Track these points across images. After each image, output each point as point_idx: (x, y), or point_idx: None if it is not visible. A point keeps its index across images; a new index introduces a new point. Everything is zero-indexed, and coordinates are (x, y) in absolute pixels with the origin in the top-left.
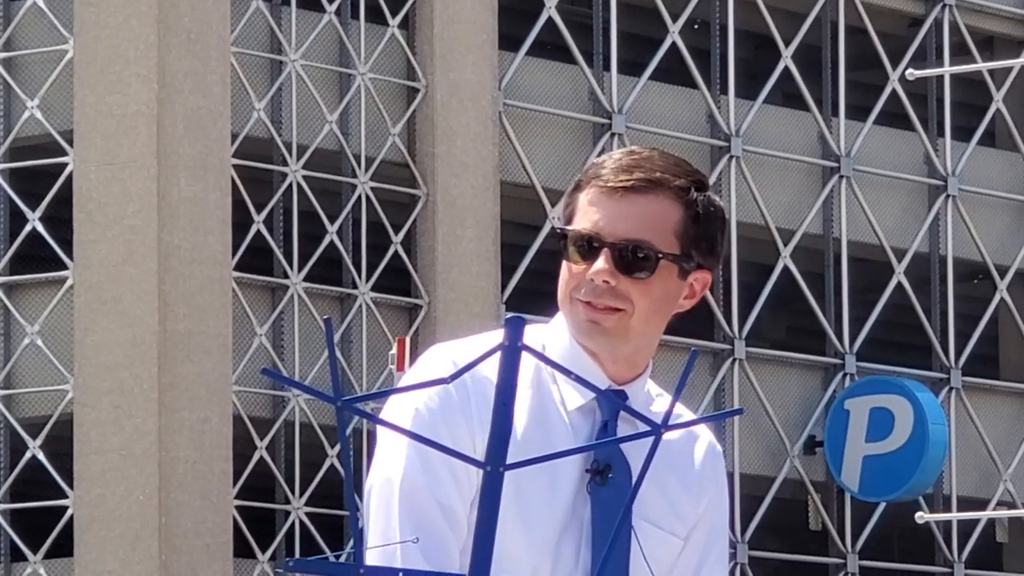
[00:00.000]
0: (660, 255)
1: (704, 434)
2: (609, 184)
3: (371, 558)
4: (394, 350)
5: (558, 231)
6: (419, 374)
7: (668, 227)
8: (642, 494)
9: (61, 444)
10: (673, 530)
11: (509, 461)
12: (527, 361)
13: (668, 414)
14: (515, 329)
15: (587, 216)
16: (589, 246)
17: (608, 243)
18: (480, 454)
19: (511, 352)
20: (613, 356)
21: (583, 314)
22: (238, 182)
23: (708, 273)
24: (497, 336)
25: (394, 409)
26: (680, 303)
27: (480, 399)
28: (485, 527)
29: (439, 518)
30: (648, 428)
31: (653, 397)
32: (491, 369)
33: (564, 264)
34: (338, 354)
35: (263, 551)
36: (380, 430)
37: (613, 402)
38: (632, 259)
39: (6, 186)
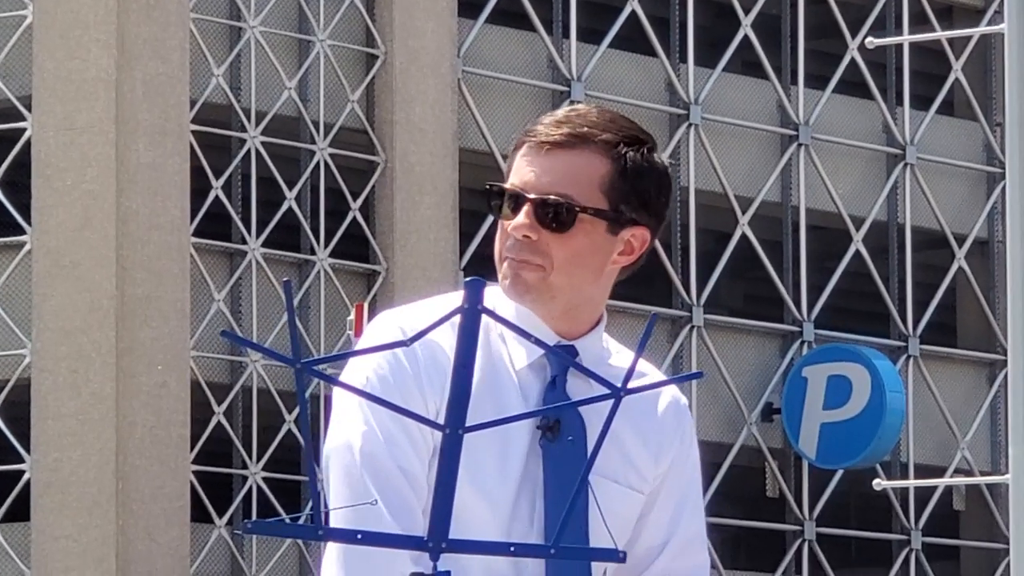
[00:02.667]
0: (579, 208)
1: (668, 388)
2: (538, 139)
3: (336, 522)
4: (352, 316)
5: (487, 187)
6: (368, 342)
7: (593, 181)
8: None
9: (18, 409)
10: (630, 484)
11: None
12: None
13: (628, 377)
14: (475, 291)
15: (517, 172)
16: (515, 202)
17: (530, 198)
18: (433, 418)
19: (471, 314)
20: (548, 312)
21: (508, 269)
22: (197, 148)
23: (645, 229)
24: (446, 300)
25: (346, 378)
26: (615, 259)
27: (431, 365)
28: (444, 489)
29: (401, 482)
30: (607, 390)
31: (612, 352)
32: (442, 335)
33: (500, 223)
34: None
35: (220, 516)
36: (336, 396)
37: (565, 359)
38: (551, 213)
39: None
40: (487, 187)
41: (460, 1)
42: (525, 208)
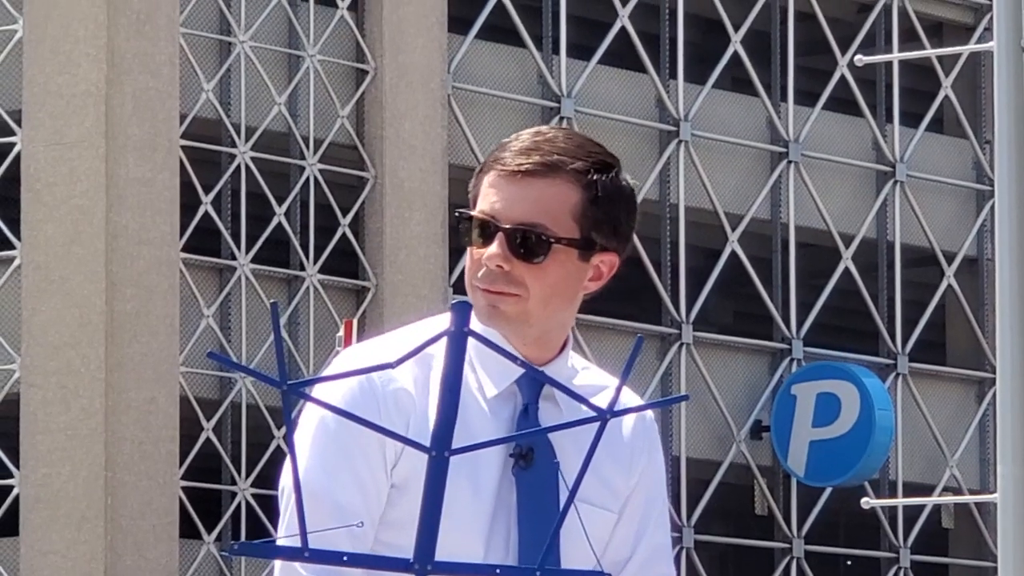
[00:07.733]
0: (554, 240)
1: (633, 403)
2: (507, 167)
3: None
4: (341, 332)
5: (457, 215)
6: (332, 382)
7: (565, 210)
8: (571, 473)
9: (7, 424)
10: (606, 505)
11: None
12: (441, 350)
13: (614, 400)
14: (462, 314)
15: (486, 199)
16: (486, 230)
17: (503, 227)
18: (392, 457)
19: (458, 337)
20: (521, 339)
21: (482, 299)
22: (186, 163)
23: (615, 255)
24: (415, 330)
25: (309, 411)
26: (585, 285)
27: (390, 402)
28: (430, 512)
29: (327, 512)
30: (593, 414)
31: (577, 371)
32: (403, 372)
33: (468, 249)
34: (285, 336)
35: (209, 532)
36: (298, 430)
37: (548, 381)
38: (525, 244)
39: None
40: (456, 214)
41: (450, 17)
42: (498, 238)
